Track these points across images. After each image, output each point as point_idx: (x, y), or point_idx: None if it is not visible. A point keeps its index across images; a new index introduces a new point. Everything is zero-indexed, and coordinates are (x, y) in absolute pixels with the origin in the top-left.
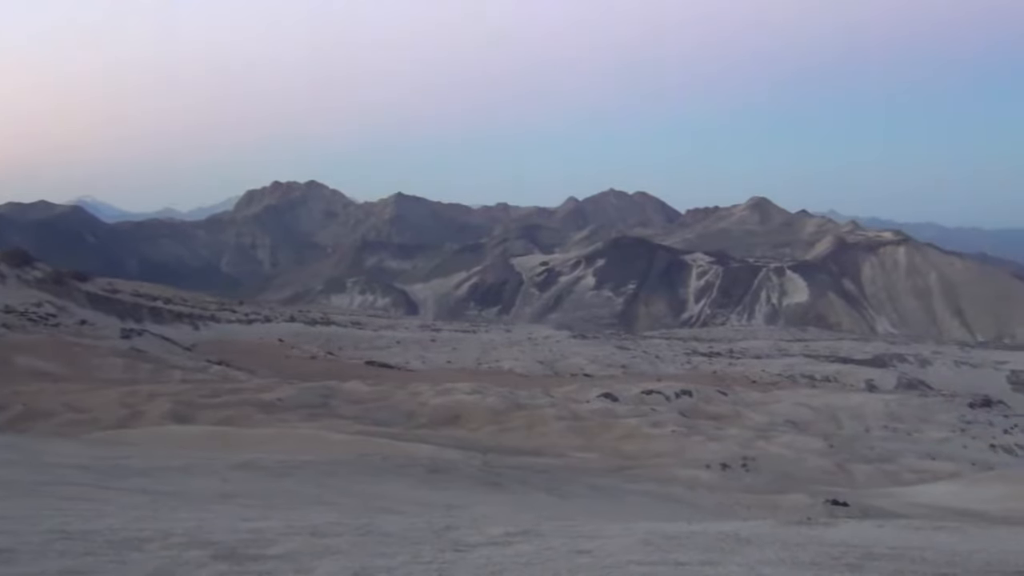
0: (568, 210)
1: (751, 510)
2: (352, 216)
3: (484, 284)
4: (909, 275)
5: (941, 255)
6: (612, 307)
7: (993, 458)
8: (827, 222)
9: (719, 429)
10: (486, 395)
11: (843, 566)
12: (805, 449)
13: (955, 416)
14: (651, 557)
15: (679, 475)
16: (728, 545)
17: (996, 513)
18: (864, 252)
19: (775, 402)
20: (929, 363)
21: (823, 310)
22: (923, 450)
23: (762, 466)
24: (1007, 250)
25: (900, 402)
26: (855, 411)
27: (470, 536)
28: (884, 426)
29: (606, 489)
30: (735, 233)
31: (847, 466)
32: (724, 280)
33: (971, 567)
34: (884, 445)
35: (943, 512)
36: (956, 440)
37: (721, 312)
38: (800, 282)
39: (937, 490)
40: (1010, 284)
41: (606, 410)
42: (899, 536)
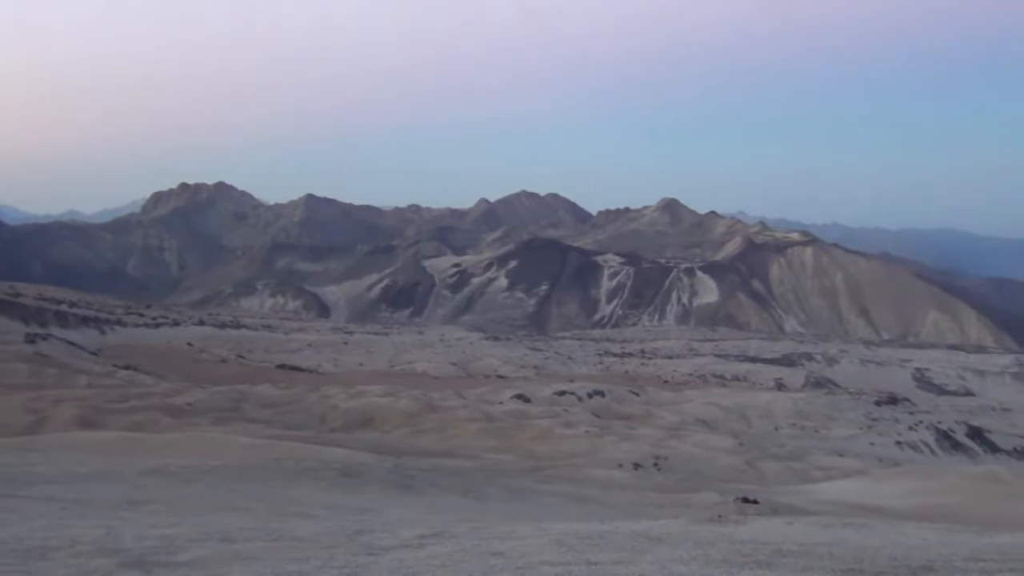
0: (480, 212)
1: (663, 509)
2: (262, 218)
3: (396, 286)
4: (816, 275)
5: (846, 255)
6: (524, 308)
7: (899, 454)
8: (736, 223)
9: (631, 429)
10: (399, 397)
11: (753, 563)
12: (716, 448)
13: (862, 413)
14: (564, 557)
15: (592, 475)
16: (640, 544)
17: (902, 509)
18: (772, 253)
19: (686, 401)
20: (836, 361)
21: (733, 310)
22: (831, 447)
23: (674, 465)
24: (910, 250)
25: (808, 400)
26: (764, 410)
27: (383, 539)
28: (793, 424)
29: (520, 490)
30: (646, 234)
31: (757, 464)
32: (635, 281)
33: (878, 562)
34: (793, 443)
35: (850, 508)
36: (863, 437)
37: (633, 313)
38: (710, 283)
39: (844, 487)
40: (913, 283)
41: (519, 411)
42: (808, 533)
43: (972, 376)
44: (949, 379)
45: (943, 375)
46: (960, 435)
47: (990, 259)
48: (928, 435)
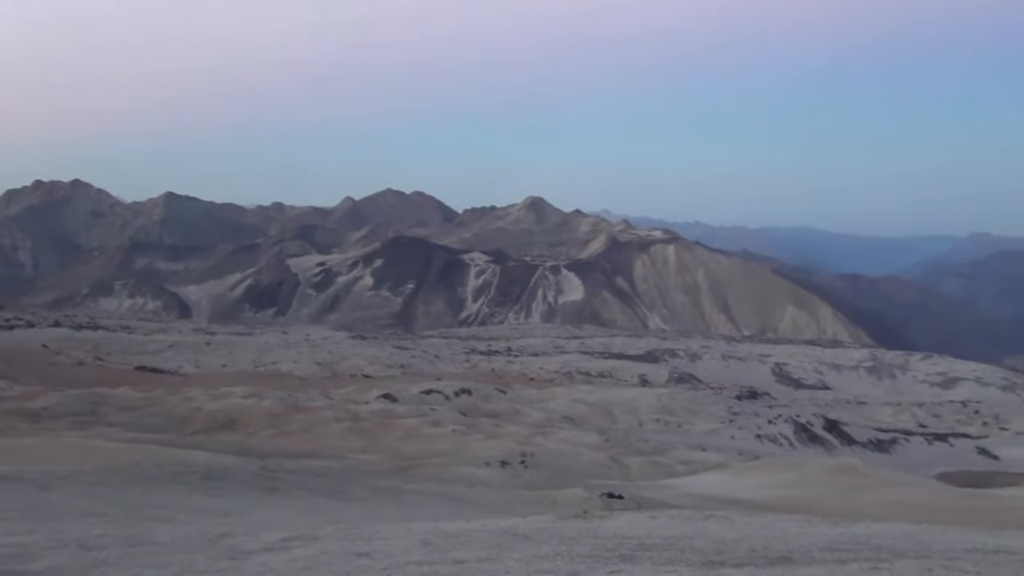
0: (345, 210)
1: (529, 506)
2: (120, 216)
3: (260, 285)
4: (678, 272)
5: (708, 253)
6: (391, 307)
7: (759, 447)
8: (601, 221)
9: (498, 427)
10: (263, 398)
11: (617, 557)
12: (581, 444)
13: (723, 408)
14: (430, 557)
15: (459, 473)
16: (506, 541)
17: (762, 501)
18: (636, 251)
19: (552, 399)
20: (698, 357)
21: (598, 307)
22: (693, 442)
23: (540, 462)
24: (769, 248)
25: (671, 396)
26: (629, 405)
27: (246, 543)
28: (656, 419)
29: (387, 490)
30: (512, 232)
31: (622, 459)
32: (502, 279)
33: (738, 553)
34: (657, 438)
35: (712, 501)
36: (724, 431)
37: (499, 311)
38: (575, 280)
39: (707, 480)
40: (772, 280)
41: (386, 411)
42: (671, 526)
43: (828, 370)
44: (807, 373)
45: (801, 370)
46: (817, 428)
47: (845, 257)
48: (787, 428)
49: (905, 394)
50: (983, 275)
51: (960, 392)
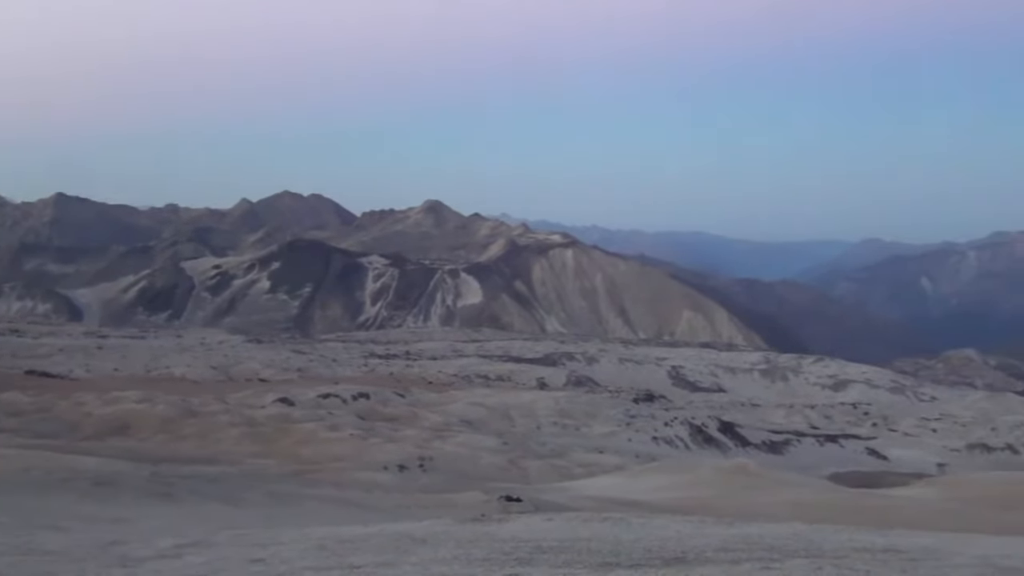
0: (241, 212)
1: (428, 510)
2: (8, 217)
3: (153, 288)
4: (577, 276)
5: (605, 257)
6: (287, 310)
7: (655, 450)
8: (500, 225)
9: (396, 431)
10: (156, 403)
11: (514, 560)
12: (480, 447)
13: (620, 411)
14: (326, 562)
15: (357, 478)
16: (403, 545)
17: (657, 502)
18: (534, 254)
19: (451, 402)
20: (596, 360)
21: (496, 311)
22: (591, 444)
23: (439, 466)
24: (665, 252)
25: (569, 399)
26: (527, 409)
27: (138, 550)
28: (555, 422)
29: (283, 495)
30: (411, 236)
31: (520, 462)
32: (400, 283)
33: (634, 555)
34: (555, 441)
35: (609, 504)
36: (621, 434)
37: (398, 314)
38: (474, 284)
39: (604, 482)
40: (668, 284)
41: (282, 415)
42: (568, 528)
43: (724, 373)
44: (702, 376)
45: (697, 372)
46: (712, 430)
47: (741, 261)
48: (683, 430)
49: (798, 396)
50: (874, 280)
51: (851, 394)
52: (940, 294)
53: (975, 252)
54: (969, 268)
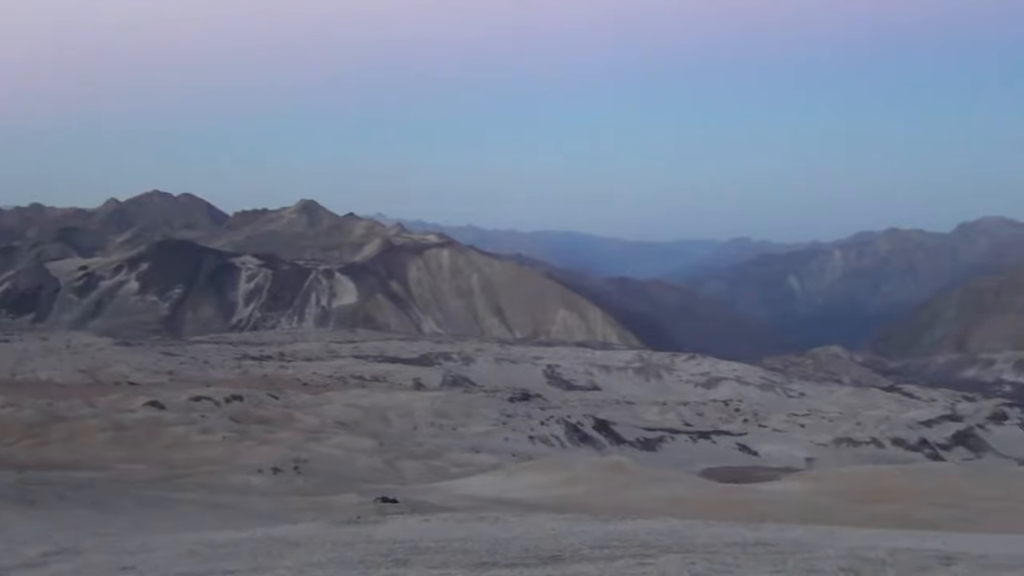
0: (109, 212)
1: (302, 513)
2: None
3: (17, 290)
4: (453, 276)
5: (482, 257)
6: (157, 312)
7: (532, 448)
8: (375, 225)
9: (270, 433)
10: (21, 408)
11: (390, 562)
12: (356, 448)
13: (497, 410)
14: (198, 568)
15: (231, 481)
16: (277, 549)
17: (534, 500)
18: (410, 254)
19: (326, 404)
20: (472, 360)
21: (372, 311)
22: (467, 444)
23: (314, 468)
24: (541, 251)
25: (445, 399)
26: (403, 409)
27: (3, 559)
28: (431, 423)
29: (154, 500)
30: (284, 236)
31: (396, 463)
32: (274, 283)
33: (510, 554)
34: (431, 441)
35: (486, 503)
36: (498, 433)
37: (271, 315)
38: (349, 284)
39: (481, 482)
40: (544, 284)
41: (152, 418)
42: (444, 529)
43: (598, 371)
44: (577, 375)
45: (572, 371)
46: (588, 428)
47: (614, 260)
48: (558, 429)
49: (671, 394)
50: (743, 279)
51: (722, 391)
52: (807, 292)
53: (840, 251)
54: (835, 267)
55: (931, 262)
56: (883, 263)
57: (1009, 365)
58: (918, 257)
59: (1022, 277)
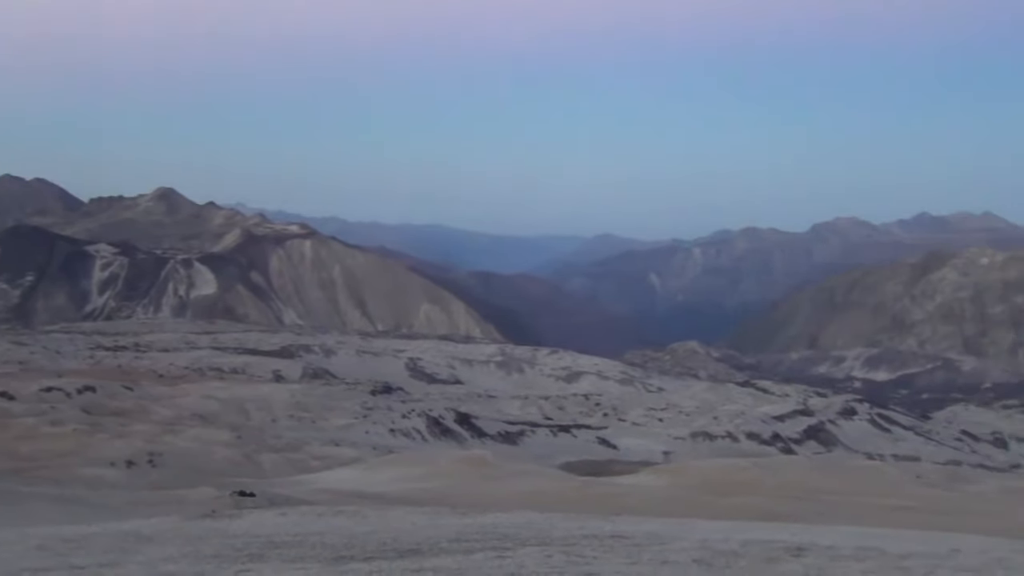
0: None
1: (156, 507)
2: None
3: None
4: (315, 268)
5: (345, 248)
6: (7, 300)
7: (392, 442)
8: (235, 215)
9: (125, 425)
10: None
11: (245, 557)
12: (213, 441)
13: (358, 403)
14: (46, 563)
15: (82, 474)
16: (129, 544)
17: (393, 494)
18: (272, 245)
19: (183, 396)
20: (334, 353)
21: (231, 302)
22: (328, 437)
23: (169, 461)
24: (405, 244)
25: (306, 391)
26: (263, 402)
27: None
28: (291, 415)
29: (0, 494)
30: (141, 224)
31: (255, 456)
32: (130, 272)
33: (368, 547)
34: (291, 434)
35: (345, 496)
36: (359, 426)
37: (127, 305)
38: (208, 274)
39: (340, 475)
40: (407, 277)
41: (1, 409)
42: (301, 523)
43: (461, 365)
44: (440, 368)
45: (434, 364)
46: (449, 421)
47: (478, 254)
48: (420, 422)
49: (532, 388)
50: (606, 275)
51: (583, 385)
52: (668, 289)
53: (700, 249)
54: (694, 265)
55: (787, 261)
56: (740, 261)
57: (859, 362)
58: (774, 256)
59: (872, 277)
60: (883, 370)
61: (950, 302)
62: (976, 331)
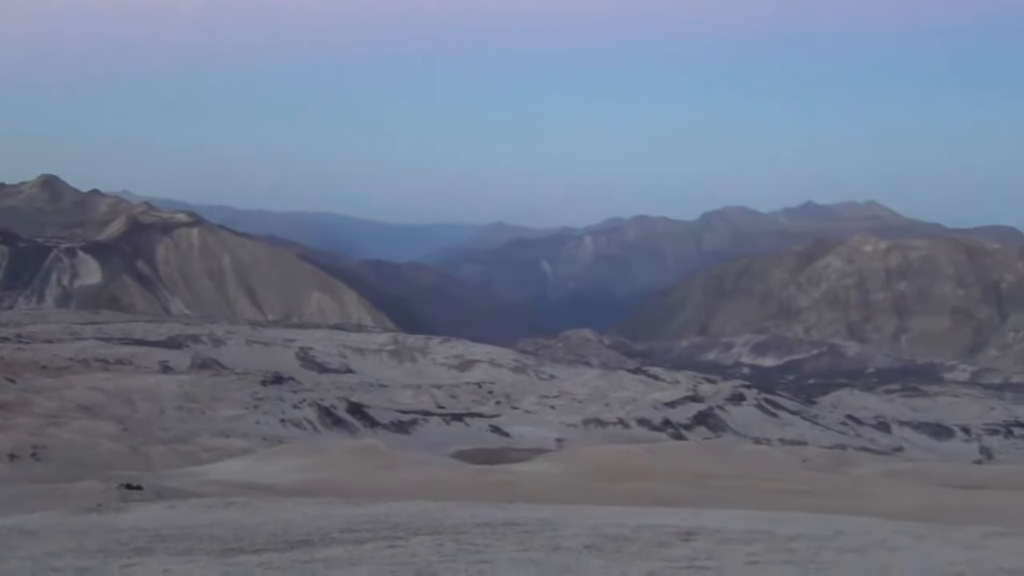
0: None
1: (40, 501)
2: None
3: None
4: (203, 257)
5: (234, 237)
6: None
7: (284, 432)
8: (121, 202)
9: (6, 419)
10: None
11: (132, 551)
12: (99, 434)
13: (248, 393)
14: None
15: None
16: (11, 540)
17: (284, 485)
18: (159, 233)
19: (67, 387)
20: (223, 343)
21: (117, 292)
22: (217, 428)
23: (53, 454)
24: (295, 233)
25: (194, 382)
26: (150, 393)
27: None
28: (179, 407)
29: None
30: (23, 212)
31: (142, 449)
32: (11, 261)
33: (258, 539)
34: (179, 426)
35: (236, 488)
36: (249, 417)
37: (8, 295)
38: (93, 263)
39: (230, 467)
40: (297, 265)
41: None
42: (190, 515)
43: (353, 354)
44: (331, 358)
45: (326, 354)
46: (341, 411)
47: (370, 243)
48: (311, 412)
49: (425, 376)
50: (498, 262)
51: (476, 374)
52: (559, 277)
53: (591, 237)
54: (586, 252)
55: (677, 249)
56: (631, 249)
57: (747, 348)
58: (665, 244)
59: (760, 265)
60: (771, 356)
61: (835, 289)
62: (860, 317)
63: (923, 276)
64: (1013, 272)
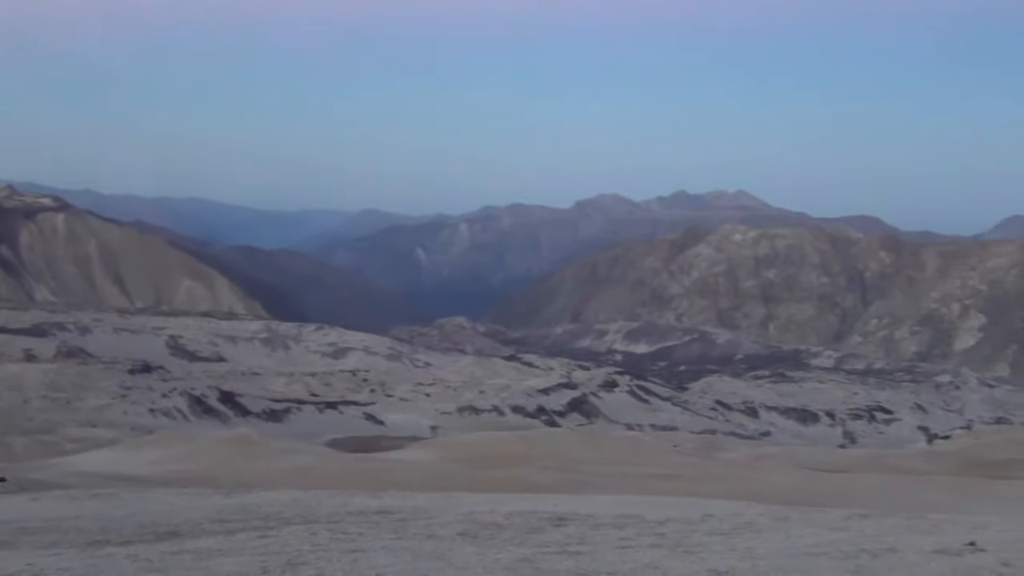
0: None
1: None
2: None
3: None
4: (69, 243)
5: (100, 223)
6: None
7: (153, 422)
8: None
9: None
10: None
11: None
12: None
13: (116, 383)
14: None
15: None
16: None
17: (154, 476)
18: (22, 218)
19: None
20: (89, 331)
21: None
22: (83, 418)
23: None
24: (163, 218)
25: (59, 371)
26: (13, 382)
27: None
28: (44, 396)
29: None
30: None
31: (5, 439)
32: None
33: (125, 531)
34: (43, 416)
35: (103, 479)
36: (117, 406)
37: None
38: None
39: (97, 457)
40: (167, 252)
41: None
42: (54, 507)
43: (224, 342)
44: (202, 346)
45: (196, 342)
46: (212, 400)
47: (241, 229)
48: (181, 401)
49: (298, 365)
50: (372, 250)
51: (350, 362)
52: (434, 264)
53: (466, 225)
54: (461, 240)
55: (552, 237)
56: (507, 237)
57: (620, 335)
58: (540, 232)
59: (632, 253)
60: (643, 343)
61: (705, 277)
62: (730, 305)
63: (790, 264)
64: (876, 261)
